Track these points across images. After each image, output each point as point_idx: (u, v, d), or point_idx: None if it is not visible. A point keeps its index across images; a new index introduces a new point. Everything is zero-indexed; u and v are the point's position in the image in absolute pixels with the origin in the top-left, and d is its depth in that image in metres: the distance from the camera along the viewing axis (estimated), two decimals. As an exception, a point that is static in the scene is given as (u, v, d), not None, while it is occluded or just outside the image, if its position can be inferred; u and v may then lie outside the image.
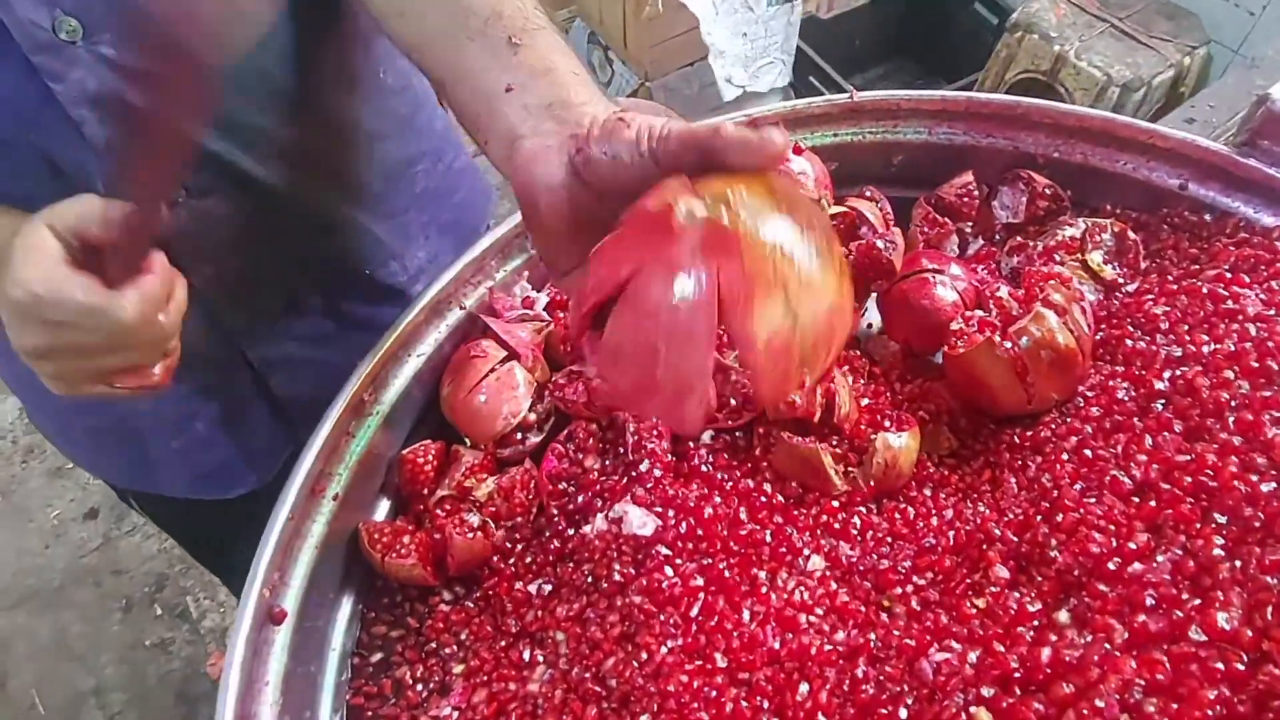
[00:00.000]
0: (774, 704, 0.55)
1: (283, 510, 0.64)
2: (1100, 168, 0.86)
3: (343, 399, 0.70)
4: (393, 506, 0.78)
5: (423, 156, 0.90)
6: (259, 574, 0.61)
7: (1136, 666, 0.42)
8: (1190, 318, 0.70)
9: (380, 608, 0.74)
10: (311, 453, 0.67)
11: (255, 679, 0.59)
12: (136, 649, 1.95)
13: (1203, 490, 0.53)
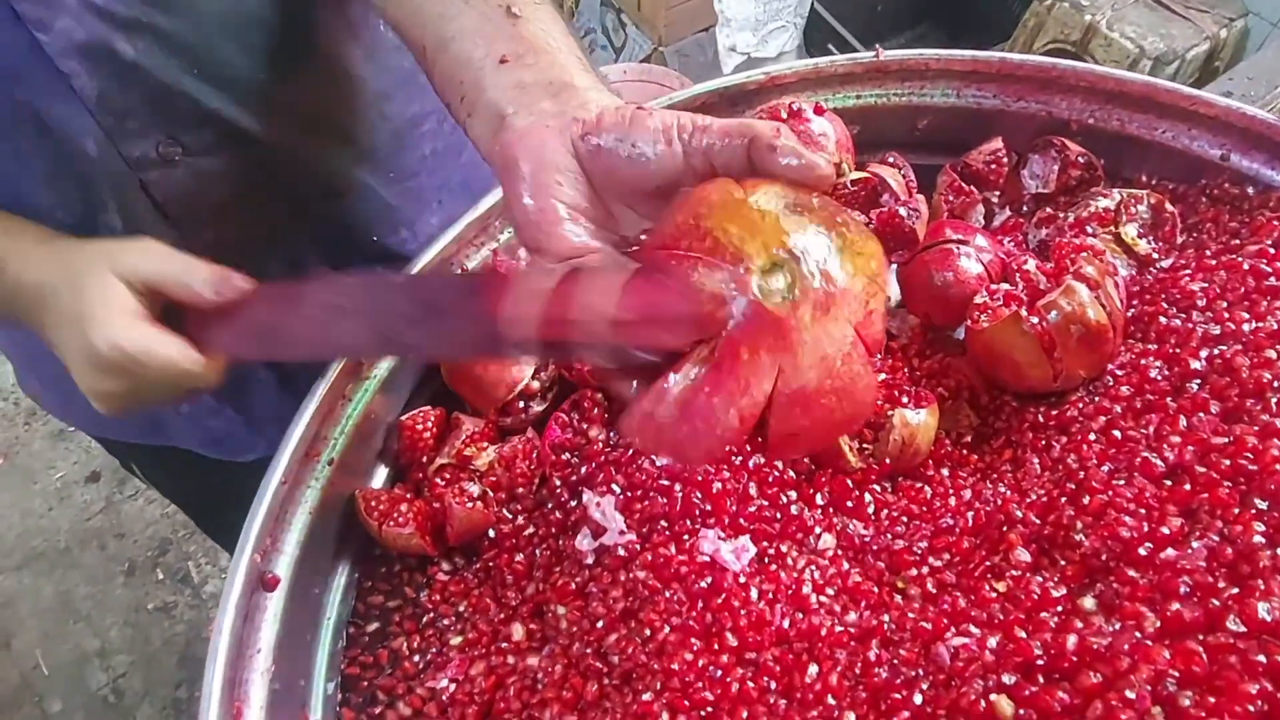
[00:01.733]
0: (781, 685, 0.53)
1: (275, 474, 0.62)
2: (1137, 136, 0.82)
3: (339, 361, 0.67)
4: (390, 474, 0.76)
5: (428, 115, 0.87)
6: (250, 539, 0.59)
7: (1170, 657, 0.40)
8: (1229, 294, 0.66)
9: (377, 576, 0.72)
10: (306, 415, 0.65)
11: (246, 645, 0.57)
12: (140, 612, 1.96)
13: (1241, 474, 0.50)
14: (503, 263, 0.81)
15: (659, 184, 0.45)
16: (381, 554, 0.73)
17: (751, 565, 0.61)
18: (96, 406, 0.58)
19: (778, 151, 0.42)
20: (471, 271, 0.72)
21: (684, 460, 0.42)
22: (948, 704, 0.45)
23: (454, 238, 0.76)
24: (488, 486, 0.72)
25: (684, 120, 0.45)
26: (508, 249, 0.81)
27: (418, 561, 0.73)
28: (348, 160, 0.77)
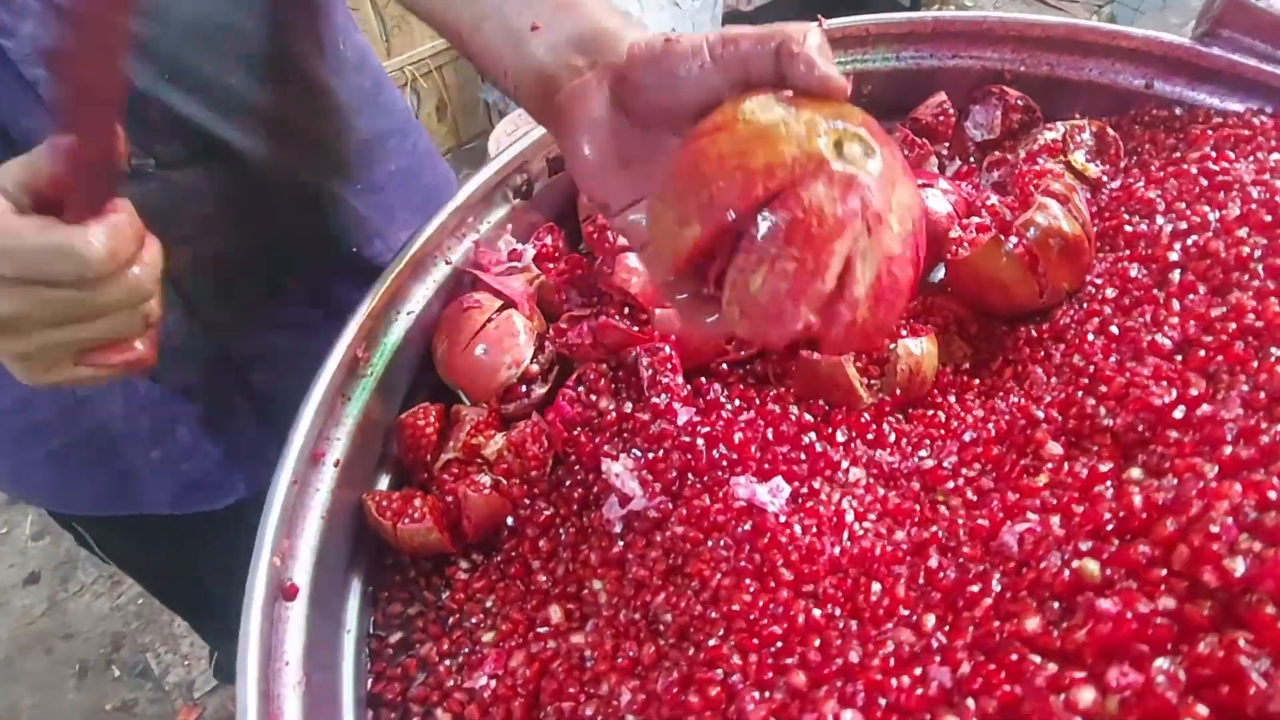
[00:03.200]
0: (847, 609, 0.51)
1: (284, 474, 0.57)
2: (1067, 77, 0.86)
3: (336, 355, 0.63)
4: (393, 481, 0.72)
5: (392, 134, 0.85)
6: (266, 541, 0.54)
7: (1242, 490, 0.40)
8: (1186, 195, 0.69)
9: (393, 586, 0.67)
10: (308, 413, 0.61)
11: (274, 657, 0.52)
12: (97, 714, 1.79)
13: (1249, 333, 0.52)
14: (484, 253, 0.78)
15: (701, 105, 0.44)
16: (394, 562, 0.68)
17: (788, 505, 0.59)
18: (10, 363, 0.48)
19: (796, 59, 0.42)
20: None
21: (771, 338, 0.40)
22: (1028, 584, 0.44)
23: (437, 227, 0.73)
24: (500, 475, 0.68)
25: (713, 38, 0.44)
26: (488, 241, 0.79)
27: (433, 565, 0.68)
28: (319, 171, 0.74)
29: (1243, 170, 0.67)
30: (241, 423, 0.78)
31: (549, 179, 0.83)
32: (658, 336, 0.70)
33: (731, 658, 0.49)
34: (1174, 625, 0.36)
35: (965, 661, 0.41)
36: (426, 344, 0.75)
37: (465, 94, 2.69)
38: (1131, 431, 0.51)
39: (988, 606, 0.44)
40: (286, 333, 0.78)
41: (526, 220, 0.83)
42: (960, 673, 0.41)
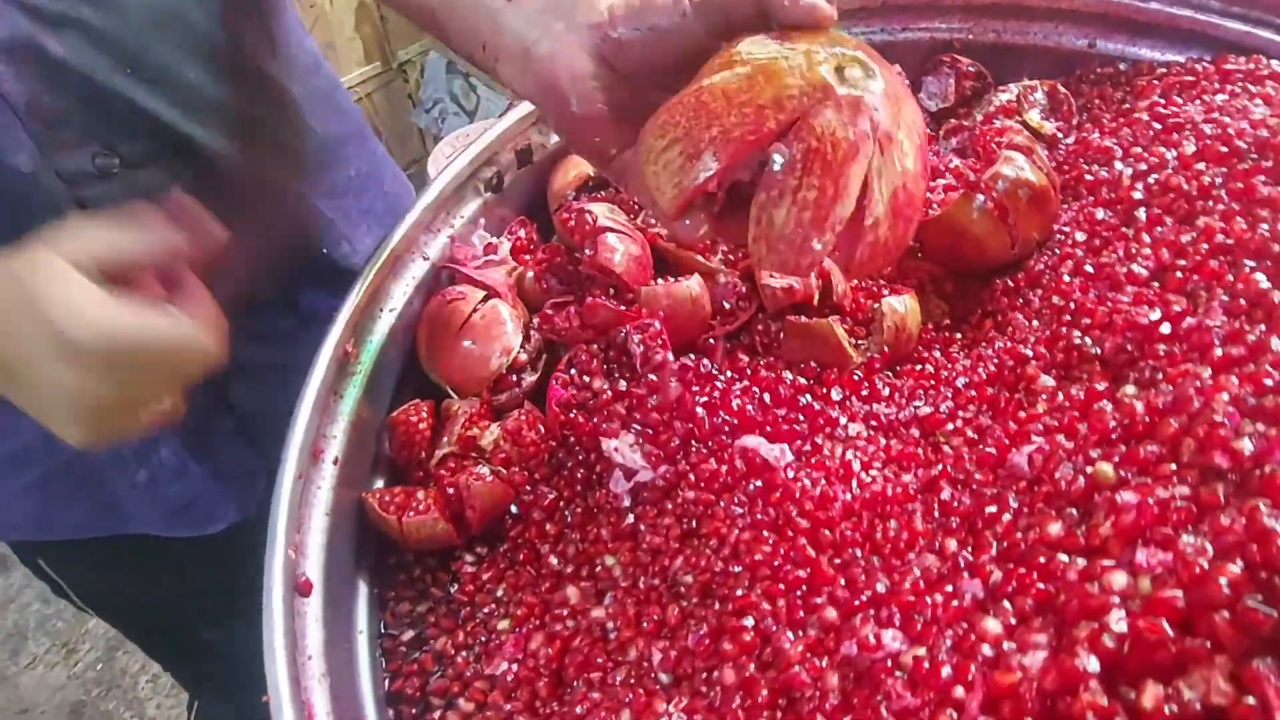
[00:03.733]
0: (867, 549, 0.52)
1: (289, 468, 0.57)
2: (1013, 43, 0.91)
3: (326, 350, 0.63)
4: (388, 482, 0.71)
5: (350, 138, 0.86)
6: (279, 532, 0.53)
7: (1239, 382, 0.43)
8: (1141, 140, 0.74)
9: (399, 585, 0.67)
10: (305, 408, 0.61)
11: (299, 651, 0.51)
12: (64, 791, 1.71)
13: (1221, 251, 0.55)
14: (460, 248, 0.79)
15: (685, 56, 0.46)
16: (397, 562, 0.68)
17: (794, 462, 0.61)
18: (72, 434, 0.48)
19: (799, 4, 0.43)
20: None
21: (801, 269, 0.42)
22: (1044, 496, 0.46)
23: (413, 222, 0.73)
24: (499, 465, 0.68)
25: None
26: (462, 237, 0.80)
27: (439, 561, 0.68)
28: (283, 171, 0.74)
29: (1192, 112, 0.72)
30: (224, 442, 0.76)
31: (518, 171, 0.84)
32: (645, 313, 0.71)
33: (761, 604, 0.50)
34: (1192, 506, 0.39)
35: (995, 571, 0.43)
36: (409, 343, 0.75)
37: (397, 121, 2.68)
38: (1120, 353, 0.54)
39: (1008, 523, 0.46)
40: (261, 344, 0.77)
41: (498, 215, 0.83)
42: (992, 581, 0.43)
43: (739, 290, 0.75)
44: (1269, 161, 0.59)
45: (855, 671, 0.43)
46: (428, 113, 2.46)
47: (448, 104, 2.43)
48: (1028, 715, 0.35)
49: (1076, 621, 0.37)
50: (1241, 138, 0.63)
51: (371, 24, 2.25)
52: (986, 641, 0.39)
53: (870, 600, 0.47)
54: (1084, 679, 0.34)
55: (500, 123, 0.79)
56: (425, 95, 2.48)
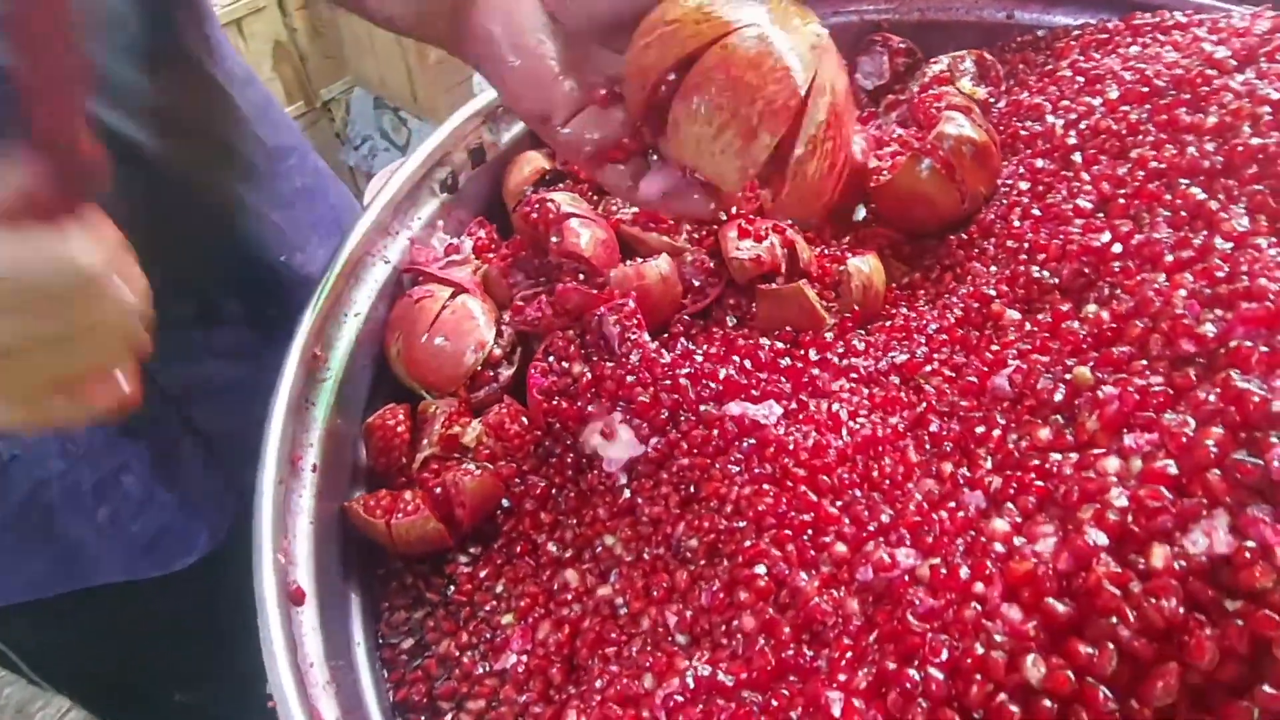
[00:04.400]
0: (865, 488, 0.55)
1: (267, 473, 0.56)
2: (937, 19, 0.97)
3: (294, 354, 0.63)
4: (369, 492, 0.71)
5: (291, 150, 0.86)
6: (265, 536, 0.53)
7: (1194, 277, 0.46)
8: (1068, 94, 0.79)
9: (392, 595, 0.66)
10: (278, 413, 0.60)
11: (300, 660, 0.50)
12: None
13: (1156, 176, 0.60)
14: (420, 250, 0.79)
15: (629, 9, 0.48)
16: (387, 571, 0.67)
17: (782, 420, 0.63)
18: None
19: None
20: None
21: (816, 212, 0.46)
22: (1029, 409, 0.49)
23: (371, 224, 0.74)
24: (484, 461, 0.68)
25: None
26: (421, 241, 0.81)
27: (431, 566, 0.67)
28: (232, 178, 0.74)
29: (1111, 64, 0.78)
30: (191, 466, 0.75)
31: (472, 171, 0.85)
32: (618, 294, 0.73)
33: (771, 551, 0.52)
34: (1169, 390, 0.42)
35: (994, 480, 0.45)
36: (377, 348, 0.75)
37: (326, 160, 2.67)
38: (1078, 278, 0.58)
39: (998, 438, 0.49)
40: (223, 361, 0.76)
41: (455, 217, 0.85)
42: (992, 489, 0.45)
43: (707, 267, 0.77)
44: (1187, 94, 0.64)
45: (874, 594, 0.45)
46: (356, 150, 2.45)
47: (377, 140, 2.43)
48: (1048, 596, 0.37)
49: (1079, 506, 0.40)
50: (1159, 78, 0.68)
51: (290, 64, 2.25)
52: (997, 540, 0.42)
53: (877, 530, 0.49)
54: (1095, 553, 0.37)
55: (451, 120, 0.81)
56: (353, 133, 2.48)
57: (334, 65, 2.44)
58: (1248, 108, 0.56)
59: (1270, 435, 0.36)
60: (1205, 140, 0.58)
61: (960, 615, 0.38)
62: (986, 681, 0.36)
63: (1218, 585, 0.34)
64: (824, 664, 0.42)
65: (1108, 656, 0.35)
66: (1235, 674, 0.33)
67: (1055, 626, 0.36)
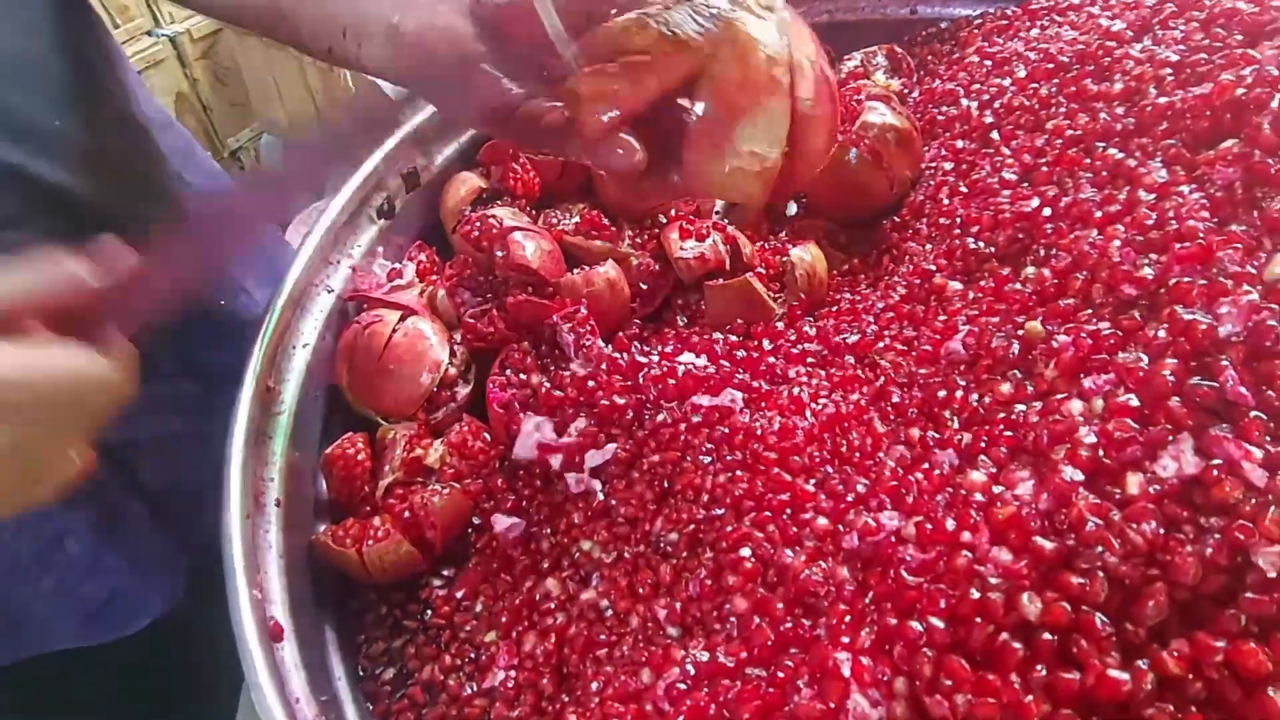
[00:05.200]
0: (837, 463, 0.55)
1: (233, 509, 0.54)
2: (845, 20, 1.01)
3: (248, 386, 0.60)
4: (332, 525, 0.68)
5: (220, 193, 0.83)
6: (238, 571, 0.50)
7: (1125, 227, 0.49)
8: (978, 78, 0.83)
9: (368, 627, 0.64)
10: (237, 448, 0.57)
11: (288, 697, 0.47)
12: None
13: (1073, 143, 0.63)
14: (363, 278, 0.78)
15: (567, 19, 0.48)
16: (360, 604, 0.65)
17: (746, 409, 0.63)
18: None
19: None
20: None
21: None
22: (986, 368, 0.51)
23: (311, 253, 0.72)
24: (450, 481, 0.67)
25: None
26: (364, 266, 0.79)
27: (405, 594, 0.65)
28: (162, 215, 0.70)
29: (1015, 46, 0.82)
30: (138, 527, 0.70)
31: (407, 196, 0.84)
32: (569, 302, 0.72)
33: (754, 534, 0.51)
34: (1118, 333, 0.44)
35: (964, 436, 0.47)
36: (327, 380, 0.72)
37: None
38: (1013, 244, 0.61)
39: (961, 398, 0.50)
40: (165, 415, 0.72)
41: (394, 243, 0.83)
42: (963, 445, 0.46)
43: (652, 270, 0.77)
44: (1091, 66, 0.68)
45: (862, 559, 0.45)
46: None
47: (281, 167, 2.37)
48: (1035, 535, 0.38)
49: (1051, 448, 0.41)
50: (1063, 54, 0.72)
51: (194, 114, 2.18)
52: (976, 491, 0.42)
53: (856, 500, 0.50)
54: (1073, 489, 0.38)
55: (381, 147, 0.79)
56: (262, 161, 2.41)
57: (240, 113, 2.38)
58: (1150, 71, 0.59)
59: (1220, 359, 0.37)
60: (1115, 105, 0.61)
61: (953, 564, 0.39)
62: (987, 623, 0.37)
63: (1192, 505, 0.36)
64: (823, 632, 0.42)
65: (1099, 584, 0.36)
66: (1219, 586, 0.35)
67: (1045, 563, 0.37)
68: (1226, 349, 0.37)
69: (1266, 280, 0.40)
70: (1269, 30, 0.54)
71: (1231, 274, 0.40)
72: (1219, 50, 0.55)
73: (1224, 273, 0.40)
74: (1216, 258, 0.41)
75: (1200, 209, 0.45)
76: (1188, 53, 0.58)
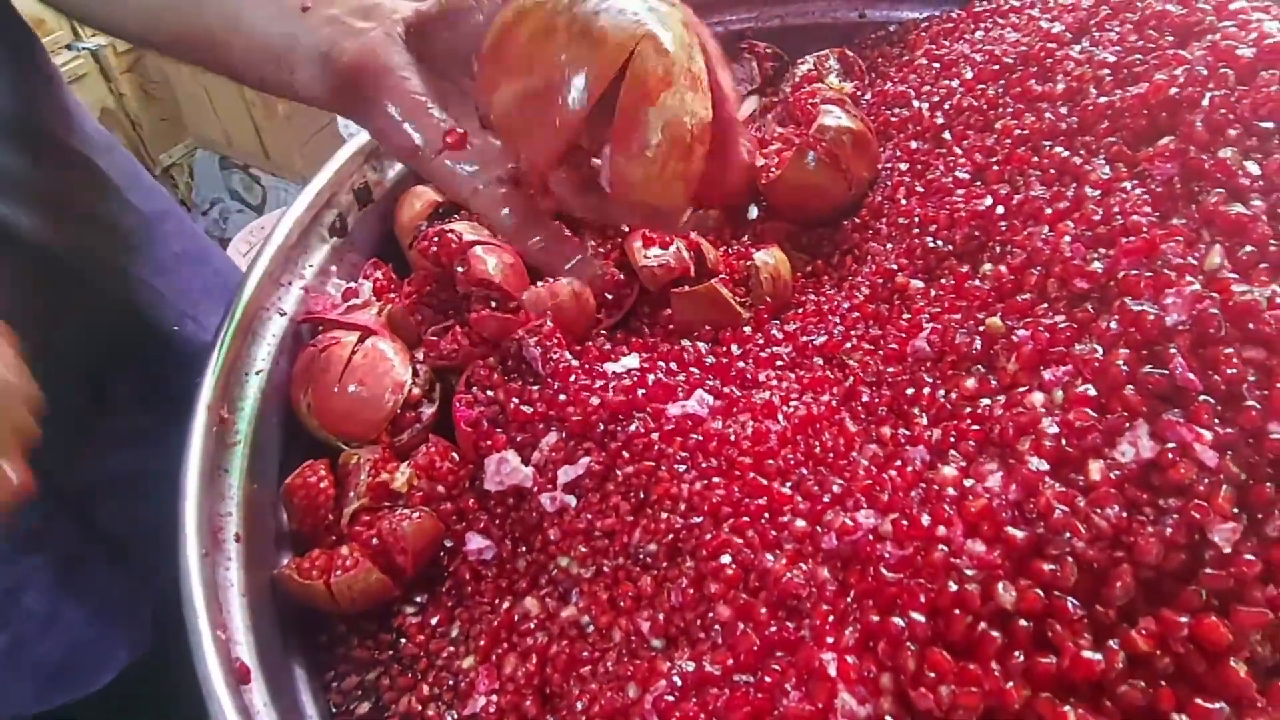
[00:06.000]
0: (811, 464, 0.58)
1: (190, 548, 0.54)
2: (796, 24, 1.05)
3: (199, 416, 0.60)
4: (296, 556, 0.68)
5: (166, 215, 0.83)
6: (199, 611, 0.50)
7: (1074, 224, 0.52)
8: (927, 80, 0.87)
9: (339, 662, 0.64)
10: (191, 482, 0.58)
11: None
12: None
13: (1021, 142, 0.67)
14: (317, 299, 0.78)
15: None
16: (329, 638, 0.65)
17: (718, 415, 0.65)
18: None
19: None
20: None
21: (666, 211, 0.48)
22: (951, 364, 0.53)
23: (263, 275, 0.72)
24: (418, 505, 0.67)
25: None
26: (317, 287, 0.79)
27: (377, 623, 0.66)
28: (109, 248, 0.71)
29: (962, 48, 0.86)
30: (98, 574, 0.69)
31: (360, 213, 0.84)
32: (534, 315, 0.73)
33: (733, 540, 0.53)
34: (1073, 325, 0.47)
35: (934, 432, 0.49)
36: (284, 406, 0.72)
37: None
38: (970, 241, 0.64)
39: (928, 395, 0.53)
40: (121, 452, 0.71)
41: (349, 261, 0.83)
42: (933, 441, 0.49)
43: (617, 279, 0.79)
44: (1034, 67, 0.72)
45: (842, 559, 0.48)
46: (206, 214, 2.35)
47: (228, 202, 2.33)
48: (1006, 526, 0.40)
49: (1016, 440, 0.44)
50: (1007, 56, 0.76)
51: (121, 130, 2.14)
52: (949, 486, 0.45)
53: (832, 501, 0.52)
54: (1039, 479, 0.41)
55: (333, 162, 0.80)
56: (200, 198, 2.37)
57: (171, 128, 2.34)
58: (1090, 72, 0.63)
59: (1169, 347, 0.41)
60: (1058, 105, 0.65)
61: (930, 559, 0.41)
62: (965, 614, 0.39)
63: (1151, 487, 0.39)
64: (808, 633, 0.44)
65: (1069, 570, 0.38)
66: (1180, 563, 0.37)
67: (1017, 552, 0.40)
68: (1174, 337, 0.41)
69: (1207, 270, 0.43)
70: (1197, 30, 0.59)
71: (1174, 266, 0.43)
72: (1152, 51, 0.59)
73: (1167, 265, 0.43)
74: (1160, 251, 0.44)
75: (1143, 204, 0.49)
76: (1124, 53, 0.62)
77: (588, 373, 0.70)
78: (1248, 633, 0.36)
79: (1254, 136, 0.47)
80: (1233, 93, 0.49)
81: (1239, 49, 0.51)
